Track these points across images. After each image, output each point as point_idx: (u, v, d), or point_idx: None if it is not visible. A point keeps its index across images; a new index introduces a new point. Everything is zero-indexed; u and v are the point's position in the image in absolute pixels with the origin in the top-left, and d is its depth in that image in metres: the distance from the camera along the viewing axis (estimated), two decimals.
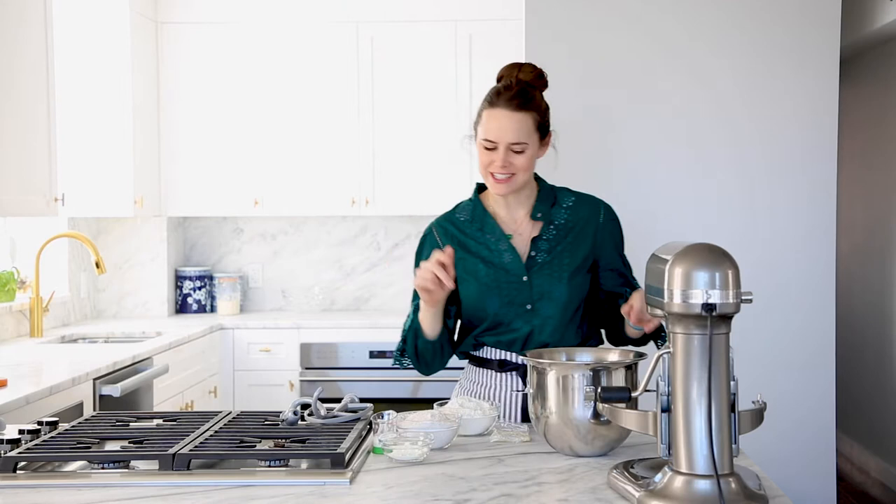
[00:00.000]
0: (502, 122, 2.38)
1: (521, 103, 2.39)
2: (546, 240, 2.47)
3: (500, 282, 2.46)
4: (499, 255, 2.47)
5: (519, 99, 2.39)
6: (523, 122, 2.39)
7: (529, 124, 2.40)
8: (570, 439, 2.07)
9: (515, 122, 2.38)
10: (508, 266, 2.46)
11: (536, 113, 2.41)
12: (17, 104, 3.77)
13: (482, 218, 2.51)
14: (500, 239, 2.48)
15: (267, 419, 2.28)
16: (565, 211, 2.51)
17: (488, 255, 2.48)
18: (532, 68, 2.47)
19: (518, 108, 2.38)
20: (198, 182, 5.33)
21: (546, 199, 2.51)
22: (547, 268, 2.46)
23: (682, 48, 4.17)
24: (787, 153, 4.18)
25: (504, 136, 2.38)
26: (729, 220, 4.18)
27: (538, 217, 2.49)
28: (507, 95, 2.39)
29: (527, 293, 2.45)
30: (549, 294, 2.45)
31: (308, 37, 5.28)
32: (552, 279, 2.45)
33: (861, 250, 6.16)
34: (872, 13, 5.15)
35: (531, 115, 2.40)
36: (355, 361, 4.99)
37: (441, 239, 2.53)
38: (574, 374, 2.06)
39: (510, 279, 2.45)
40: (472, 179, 5.20)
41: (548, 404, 2.08)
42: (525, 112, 2.39)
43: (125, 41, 4.92)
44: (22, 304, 4.47)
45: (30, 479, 1.91)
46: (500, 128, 2.38)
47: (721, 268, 1.74)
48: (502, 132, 2.38)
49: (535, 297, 2.45)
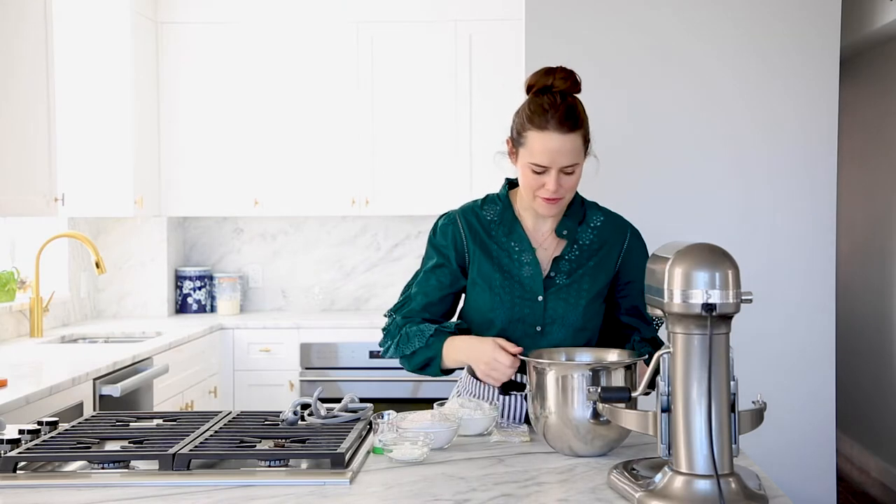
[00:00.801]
0: (554, 145, 2.22)
1: (573, 125, 2.23)
2: (568, 260, 2.36)
3: (513, 296, 2.34)
4: (519, 266, 2.35)
5: (570, 121, 2.23)
6: (575, 142, 2.24)
7: (579, 144, 2.26)
8: (570, 439, 2.07)
9: (568, 145, 2.23)
10: (526, 281, 2.34)
11: (584, 130, 2.28)
12: (17, 104, 3.77)
13: (511, 224, 2.38)
14: (525, 250, 2.36)
15: (267, 419, 2.28)
16: (592, 231, 2.39)
17: (507, 264, 2.36)
18: (565, 74, 2.29)
19: (570, 130, 2.23)
20: (198, 182, 5.33)
21: (575, 215, 2.39)
22: (564, 292, 2.35)
23: (682, 48, 4.17)
24: (787, 153, 4.18)
25: (557, 160, 2.23)
26: (729, 220, 4.17)
27: (563, 234, 2.37)
28: (557, 117, 2.23)
29: (539, 314, 2.34)
30: (563, 319, 2.34)
31: (308, 37, 5.28)
32: (568, 304, 2.34)
33: (861, 250, 6.15)
34: (872, 13, 5.15)
35: (580, 134, 2.26)
36: (355, 361, 4.99)
37: (465, 233, 2.39)
38: (573, 374, 2.06)
39: (525, 295, 2.34)
40: (473, 179, 5.20)
41: (547, 404, 2.08)
42: (576, 132, 2.25)
43: (125, 41, 4.92)
44: (22, 304, 4.47)
45: (30, 479, 1.91)
46: (552, 151, 2.22)
47: (721, 268, 1.74)
48: (555, 156, 2.23)
49: (548, 320, 2.34)
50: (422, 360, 2.39)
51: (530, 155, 2.25)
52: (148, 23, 5.18)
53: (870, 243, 6.01)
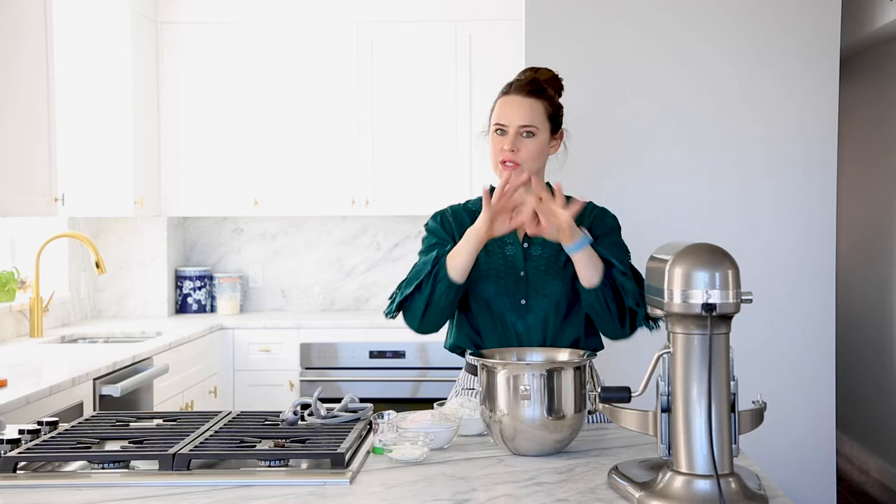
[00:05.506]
0: (512, 104, 2.44)
1: (533, 90, 2.45)
2: None
3: (498, 271, 2.47)
4: (502, 245, 2.49)
5: (531, 87, 2.45)
6: (534, 107, 2.43)
7: (540, 110, 2.44)
8: (519, 440, 2.07)
9: (526, 107, 2.43)
10: (509, 257, 2.48)
11: (549, 103, 2.46)
12: (17, 104, 3.77)
13: None
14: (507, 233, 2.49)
15: (267, 419, 2.28)
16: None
17: (491, 245, 2.48)
18: (548, 71, 2.53)
19: (529, 95, 2.44)
20: (198, 182, 5.33)
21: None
22: (544, 264, 2.47)
23: (682, 48, 4.17)
24: (787, 153, 4.18)
25: (514, 119, 2.42)
26: (729, 220, 4.18)
27: None
28: (520, 83, 2.47)
29: (523, 288, 2.46)
30: (544, 290, 2.45)
31: (308, 37, 5.28)
32: (547, 275, 2.46)
33: (861, 250, 6.16)
34: (872, 13, 5.15)
35: (542, 103, 2.45)
36: (355, 361, 4.99)
37: (452, 221, 2.54)
38: (524, 374, 2.07)
39: (509, 271, 2.47)
40: (473, 179, 5.20)
41: (498, 405, 2.08)
42: (536, 99, 2.44)
43: (125, 41, 4.92)
44: (22, 304, 4.47)
45: (30, 479, 1.91)
46: (510, 111, 2.43)
47: (721, 268, 1.74)
48: (512, 115, 2.43)
49: (531, 292, 2.46)
50: (428, 289, 2.40)
51: (495, 118, 2.46)
52: (148, 23, 5.18)
53: (870, 243, 6.01)
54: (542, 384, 2.05)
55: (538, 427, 2.06)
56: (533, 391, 2.05)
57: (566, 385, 2.07)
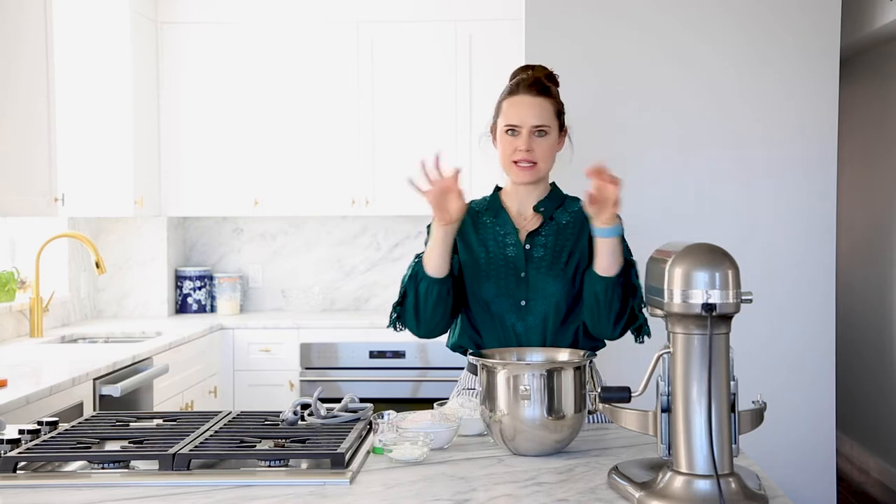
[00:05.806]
0: (524, 106, 2.46)
1: (541, 90, 2.48)
2: (544, 235, 2.49)
3: (498, 270, 2.47)
4: (503, 246, 2.49)
5: (538, 86, 2.48)
6: (543, 106, 2.46)
7: (549, 109, 2.47)
8: (519, 440, 2.07)
9: (537, 106, 2.45)
10: (510, 258, 2.48)
11: (555, 100, 2.50)
12: (17, 104, 3.77)
13: (497, 209, 2.54)
14: (509, 233, 2.49)
15: (267, 419, 2.28)
16: (569, 214, 2.52)
17: (493, 245, 2.49)
18: (544, 68, 2.56)
19: (539, 94, 2.47)
20: (198, 182, 5.33)
21: (554, 199, 2.54)
22: (545, 265, 2.46)
23: (682, 48, 4.17)
24: (787, 153, 4.18)
25: (527, 119, 2.44)
26: (729, 220, 4.18)
27: (540, 210, 2.51)
28: (527, 83, 2.48)
29: (523, 288, 2.46)
30: (543, 291, 2.45)
31: (308, 37, 5.28)
32: (547, 277, 2.45)
33: (861, 250, 6.16)
34: (872, 13, 5.15)
35: (550, 102, 2.48)
36: (355, 361, 4.99)
37: None
38: (524, 374, 2.07)
39: (509, 272, 2.46)
40: (473, 179, 5.20)
41: (498, 405, 2.08)
42: (545, 98, 2.47)
43: (125, 41, 4.92)
44: (22, 304, 4.47)
45: (30, 479, 1.91)
46: (522, 112, 2.45)
47: (721, 268, 1.74)
48: (525, 116, 2.45)
49: (531, 293, 2.45)
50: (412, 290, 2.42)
51: (505, 119, 2.48)
52: (148, 23, 5.18)
53: (870, 243, 6.01)
54: (542, 384, 2.06)
55: (538, 427, 2.06)
56: (533, 391, 2.05)
57: (566, 385, 2.07)
